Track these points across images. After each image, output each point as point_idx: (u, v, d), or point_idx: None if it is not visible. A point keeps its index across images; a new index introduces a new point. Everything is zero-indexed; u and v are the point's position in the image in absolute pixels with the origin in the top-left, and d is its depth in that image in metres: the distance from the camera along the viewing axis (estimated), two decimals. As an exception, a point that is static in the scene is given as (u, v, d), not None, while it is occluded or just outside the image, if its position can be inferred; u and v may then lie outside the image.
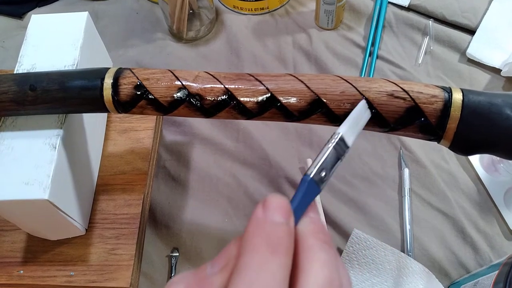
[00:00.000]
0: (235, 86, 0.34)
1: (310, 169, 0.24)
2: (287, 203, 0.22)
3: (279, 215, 0.21)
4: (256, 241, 0.20)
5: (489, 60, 0.58)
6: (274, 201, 0.22)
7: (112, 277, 0.42)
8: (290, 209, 0.22)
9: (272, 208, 0.21)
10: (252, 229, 0.21)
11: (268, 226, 0.21)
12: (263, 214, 0.21)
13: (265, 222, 0.21)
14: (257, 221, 0.21)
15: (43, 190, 0.35)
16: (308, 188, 0.24)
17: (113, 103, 0.35)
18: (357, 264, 0.45)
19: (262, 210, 0.21)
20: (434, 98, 0.31)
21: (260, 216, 0.21)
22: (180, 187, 0.51)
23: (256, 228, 0.21)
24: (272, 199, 0.22)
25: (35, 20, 0.43)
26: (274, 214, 0.21)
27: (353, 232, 0.46)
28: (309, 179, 0.24)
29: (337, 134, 0.26)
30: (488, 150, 0.31)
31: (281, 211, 0.21)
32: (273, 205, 0.21)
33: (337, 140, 0.26)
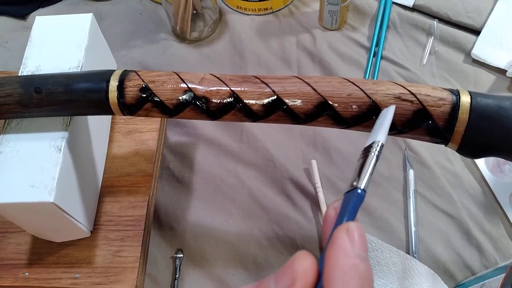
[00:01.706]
0: (241, 89, 0.34)
1: (361, 182, 0.24)
2: (364, 232, 0.21)
3: (364, 250, 0.21)
4: (352, 281, 0.19)
5: (494, 60, 0.57)
6: (359, 232, 0.21)
7: (117, 279, 0.42)
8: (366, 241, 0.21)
9: (359, 243, 0.21)
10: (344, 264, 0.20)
11: (362, 266, 0.20)
12: (351, 248, 0.20)
13: (356, 259, 0.20)
14: (348, 257, 0.20)
15: (49, 192, 0.35)
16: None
17: (119, 105, 0.35)
18: (362, 266, 0.45)
19: (349, 242, 0.20)
20: (442, 101, 0.31)
21: (350, 252, 0.20)
22: (184, 188, 0.51)
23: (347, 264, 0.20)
24: (355, 229, 0.21)
25: (39, 22, 0.43)
26: (362, 251, 0.20)
27: (358, 234, 0.46)
28: (364, 193, 0.23)
29: (377, 143, 0.25)
30: (496, 153, 0.31)
31: (365, 246, 0.21)
32: (359, 238, 0.21)
33: (378, 149, 0.25)
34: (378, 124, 0.28)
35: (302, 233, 0.48)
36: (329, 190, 0.51)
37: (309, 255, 0.21)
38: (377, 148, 0.25)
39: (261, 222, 0.49)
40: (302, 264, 0.20)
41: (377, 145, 0.25)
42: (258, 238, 0.48)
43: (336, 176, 0.52)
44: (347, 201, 0.23)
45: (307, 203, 0.50)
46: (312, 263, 0.21)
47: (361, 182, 0.24)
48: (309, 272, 0.20)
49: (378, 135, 0.26)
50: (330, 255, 0.20)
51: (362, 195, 0.23)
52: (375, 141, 0.26)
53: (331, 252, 0.20)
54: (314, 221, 0.49)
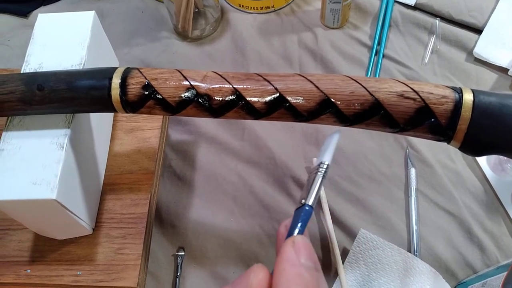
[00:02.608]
0: (243, 86, 0.34)
1: (309, 200, 0.27)
2: (310, 244, 0.23)
3: (310, 260, 0.22)
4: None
5: (496, 59, 0.57)
6: (303, 244, 0.23)
7: (119, 276, 0.42)
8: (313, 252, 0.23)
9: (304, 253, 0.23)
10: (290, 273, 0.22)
11: (306, 274, 0.22)
12: (296, 258, 0.22)
13: (300, 267, 0.22)
14: (293, 266, 0.22)
15: (51, 190, 0.35)
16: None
17: (121, 103, 0.35)
18: (363, 264, 0.45)
19: (295, 254, 0.22)
20: (445, 98, 0.31)
21: (295, 261, 0.22)
22: (186, 186, 0.51)
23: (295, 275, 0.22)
24: (300, 241, 0.23)
25: (41, 19, 0.43)
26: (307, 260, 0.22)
27: (360, 232, 0.46)
28: (311, 210, 0.26)
29: (324, 164, 0.29)
30: (499, 151, 0.31)
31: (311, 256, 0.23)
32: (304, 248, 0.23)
33: (325, 169, 0.28)
34: (325, 146, 0.31)
35: (304, 231, 0.48)
36: (331, 188, 0.51)
37: (264, 268, 0.23)
38: (324, 168, 0.28)
39: (263, 220, 0.49)
40: (257, 276, 0.22)
41: (324, 165, 0.28)
42: (260, 236, 0.48)
43: (337, 175, 0.52)
44: (297, 217, 0.26)
45: (309, 201, 0.50)
46: (265, 276, 0.23)
47: (309, 199, 0.27)
48: (262, 283, 0.22)
49: (325, 156, 0.29)
50: (277, 265, 0.22)
51: (309, 211, 0.26)
52: (322, 162, 0.29)
53: (278, 263, 0.23)
54: (315, 219, 0.49)
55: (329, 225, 0.48)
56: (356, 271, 0.45)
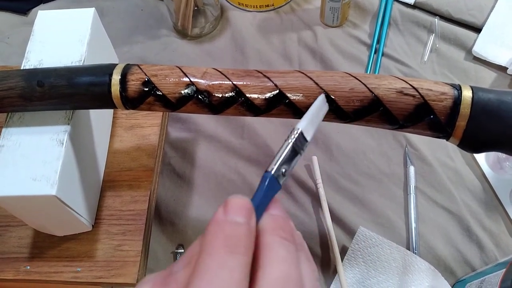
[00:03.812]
0: (243, 83, 0.34)
1: (270, 165, 0.25)
2: (248, 202, 0.22)
3: (239, 215, 0.22)
4: (215, 242, 0.20)
5: (495, 58, 0.58)
6: (235, 201, 0.22)
7: (118, 273, 0.42)
8: (251, 209, 0.22)
9: (233, 209, 0.22)
10: (212, 230, 0.21)
11: (227, 227, 0.21)
12: (223, 215, 0.22)
13: (225, 223, 0.21)
14: (217, 222, 0.21)
15: (51, 186, 0.35)
16: (269, 185, 0.24)
17: (121, 99, 0.35)
18: (362, 261, 0.46)
19: (223, 211, 0.22)
20: (444, 95, 0.31)
21: (221, 217, 0.21)
22: (185, 184, 0.52)
23: (215, 229, 0.21)
24: (232, 199, 0.22)
25: (41, 16, 0.43)
26: (234, 215, 0.21)
27: (359, 230, 0.46)
28: (270, 176, 0.24)
29: (296, 130, 0.26)
30: (498, 147, 0.31)
31: (242, 211, 0.22)
32: (233, 205, 0.22)
33: (296, 136, 0.26)
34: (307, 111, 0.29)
35: (303, 229, 0.48)
36: (330, 186, 0.51)
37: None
38: (295, 135, 0.26)
39: (262, 217, 0.49)
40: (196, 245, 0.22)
41: (296, 131, 0.26)
42: (259, 234, 0.48)
43: (336, 172, 0.52)
44: None
45: (308, 199, 0.50)
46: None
47: (271, 166, 0.25)
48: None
49: (300, 122, 0.27)
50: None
51: (266, 177, 0.24)
52: (294, 127, 0.27)
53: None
54: (314, 216, 0.49)
55: (328, 223, 0.48)
56: (355, 269, 0.45)
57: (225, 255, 0.20)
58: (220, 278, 0.19)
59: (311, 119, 0.28)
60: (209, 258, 0.20)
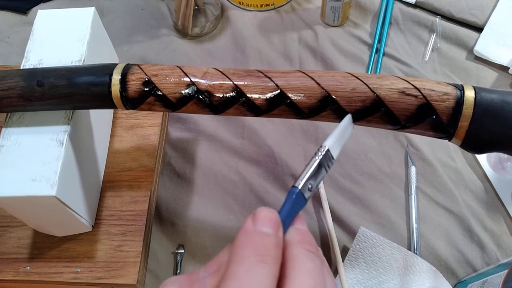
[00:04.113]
0: (244, 83, 0.34)
1: (298, 181, 0.26)
2: (276, 215, 0.23)
3: (268, 226, 0.22)
4: (245, 251, 0.21)
5: (497, 57, 0.57)
6: (264, 213, 0.23)
7: (118, 274, 0.42)
8: (279, 221, 0.23)
9: (262, 220, 0.23)
10: (241, 240, 0.22)
11: (257, 237, 0.22)
12: (252, 226, 0.22)
13: (254, 233, 0.22)
14: (247, 232, 0.22)
15: (51, 186, 0.34)
16: (296, 200, 0.25)
17: (121, 99, 0.35)
18: (363, 262, 0.45)
19: (252, 222, 0.23)
20: (446, 95, 0.31)
21: (250, 228, 0.22)
22: (186, 184, 0.51)
23: (245, 239, 0.22)
24: (262, 211, 0.23)
25: (41, 16, 0.43)
26: (263, 226, 0.22)
27: (360, 230, 0.46)
28: (297, 191, 0.25)
29: (323, 148, 0.27)
30: (500, 148, 0.31)
31: (270, 223, 0.23)
32: (262, 217, 0.23)
33: (323, 153, 0.27)
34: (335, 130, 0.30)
35: (304, 229, 0.48)
36: (331, 186, 0.51)
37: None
38: (322, 152, 0.27)
39: (263, 218, 0.49)
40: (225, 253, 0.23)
41: (323, 149, 0.27)
42: (260, 234, 0.48)
43: (337, 173, 0.52)
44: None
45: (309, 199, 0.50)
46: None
47: (297, 181, 0.26)
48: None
49: (328, 139, 0.28)
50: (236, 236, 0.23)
51: (293, 192, 0.25)
52: (322, 145, 0.28)
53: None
54: (315, 217, 0.49)
55: (329, 223, 0.47)
56: (356, 269, 0.45)
57: (254, 263, 0.21)
58: (248, 285, 0.20)
59: (338, 137, 0.29)
60: (239, 266, 0.20)
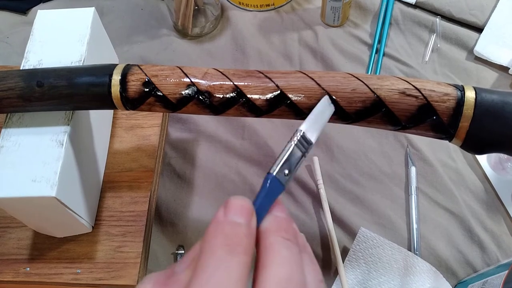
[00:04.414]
0: (244, 83, 0.33)
1: (272, 167, 0.25)
2: (248, 203, 0.23)
3: (239, 216, 0.22)
4: (215, 241, 0.21)
5: (497, 58, 0.57)
6: (235, 202, 0.22)
7: (118, 274, 0.42)
8: (251, 210, 0.22)
9: (233, 210, 0.22)
10: (211, 230, 0.21)
11: (227, 227, 0.21)
12: (224, 215, 0.22)
13: (224, 223, 0.21)
14: (218, 223, 0.22)
15: (51, 187, 0.34)
16: (271, 186, 0.24)
17: (121, 99, 0.35)
18: (363, 262, 0.45)
19: (223, 212, 0.22)
20: (447, 96, 0.30)
21: (221, 218, 0.22)
22: (186, 185, 0.51)
23: (215, 229, 0.21)
24: (233, 200, 0.22)
25: (41, 16, 0.43)
26: (234, 215, 0.22)
27: (360, 231, 0.46)
28: (271, 177, 0.24)
29: (298, 132, 0.26)
30: (501, 149, 0.31)
31: (242, 212, 0.22)
32: (233, 206, 0.22)
33: (298, 138, 0.26)
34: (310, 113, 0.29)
35: (304, 230, 0.48)
36: (331, 186, 0.51)
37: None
38: (297, 136, 0.26)
39: (263, 218, 0.49)
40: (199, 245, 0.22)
41: (298, 133, 0.26)
42: (260, 235, 0.48)
43: (337, 173, 0.52)
44: None
45: (309, 199, 0.50)
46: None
47: (273, 167, 0.25)
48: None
49: (303, 124, 0.27)
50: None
51: (267, 178, 0.24)
52: (297, 129, 0.27)
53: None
54: (315, 217, 0.49)
55: (329, 224, 0.47)
56: (356, 270, 0.45)
57: (225, 254, 0.20)
58: (218, 277, 0.19)
59: (314, 121, 0.28)
60: (209, 258, 0.20)
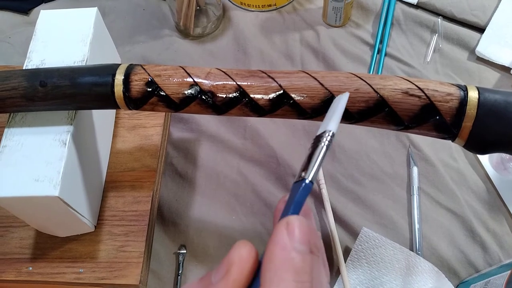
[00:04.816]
0: (247, 83, 0.34)
1: (309, 174, 0.23)
2: (308, 228, 0.21)
3: (304, 244, 0.21)
4: (284, 273, 0.20)
5: (499, 58, 0.57)
6: (299, 225, 0.21)
7: (121, 274, 0.42)
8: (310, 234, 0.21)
9: (298, 235, 0.21)
10: (279, 257, 0.20)
11: (295, 257, 0.20)
12: (289, 241, 0.21)
13: (291, 251, 0.20)
14: (284, 248, 0.20)
15: (54, 187, 0.34)
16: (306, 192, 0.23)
17: (124, 99, 0.35)
18: (365, 262, 0.45)
19: (288, 236, 0.21)
20: (450, 96, 0.31)
21: (287, 243, 0.21)
22: (188, 184, 0.51)
23: (283, 257, 0.20)
24: (296, 222, 0.21)
25: (44, 16, 0.43)
26: (300, 243, 0.21)
27: (362, 231, 0.46)
28: (310, 185, 0.23)
29: (328, 132, 0.25)
30: (503, 149, 0.31)
31: (305, 239, 0.21)
32: (298, 231, 0.21)
33: (329, 139, 0.24)
34: (331, 112, 0.27)
35: (306, 230, 0.48)
36: (333, 186, 0.51)
37: (247, 244, 0.21)
38: (328, 138, 0.24)
39: (265, 218, 0.49)
40: (238, 252, 0.21)
41: (328, 134, 0.24)
42: (262, 234, 0.48)
43: (339, 173, 0.52)
44: (294, 193, 0.23)
45: (311, 199, 0.50)
46: (248, 251, 0.21)
47: (309, 173, 0.23)
48: (245, 260, 0.21)
49: (330, 123, 0.25)
50: (268, 248, 0.21)
51: (308, 187, 0.22)
52: (326, 130, 0.25)
53: (269, 245, 0.21)
54: (317, 217, 0.49)
55: (331, 224, 0.47)
56: (358, 270, 0.45)
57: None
58: None
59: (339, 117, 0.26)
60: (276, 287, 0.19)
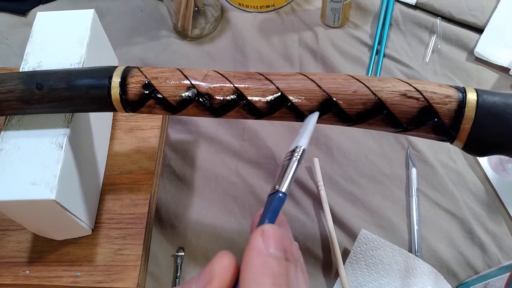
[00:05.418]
0: (244, 85, 0.33)
1: (282, 186, 0.25)
2: (282, 235, 0.23)
3: (279, 250, 0.22)
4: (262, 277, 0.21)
5: (497, 59, 0.57)
6: (272, 232, 0.22)
7: (119, 277, 0.41)
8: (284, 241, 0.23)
9: (273, 242, 0.22)
10: (257, 262, 0.21)
11: (272, 262, 0.21)
12: (264, 247, 0.22)
13: (268, 257, 0.21)
14: (260, 254, 0.22)
15: (50, 190, 0.34)
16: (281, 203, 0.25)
17: (121, 102, 0.35)
18: (364, 264, 0.45)
19: (263, 243, 0.22)
20: (448, 98, 0.30)
21: (263, 249, 0.22)
22: (186, 186, 0.51)
23: (261, 262, 0.21)
24: (269, 229, 0.22)
25: (40, 18, 0.43)
26: (275, 250, 0.22)
27: (361, 232, 0.46)
28: (284, 196, 0.25)
29: (299, 148, 0.27)
30: (502, 151, 0.31)
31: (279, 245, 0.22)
32: (273, 238, 0.22)
33: (300, 154, 0.27)
34: (302, 129, 0.29)
35: (304, 232, 0.48)
36: (331, 188, 0.51)
37: (228, 254, 0.22)
38: (299, 153, 0.26)
39: (263, 220, 0.49)
40: (220, 263, 0.22)
41: (299, 150, 0.27)
42: (260, 237, 0.48)
43: (338, 175, 0.51)
44: (269, 204, 0.25)
45: (309, 201, 0.50)
46: (230, 262, 0.22)
47: (283, 185, 0.25)
48: (226, 270, 0.22)
49: (301, 140, 0.27)
50: (245, 255, 0.22)
51: (282, 199, 0.24)
52: (297, 146, 0.27)
53: (246, 252, 0.22)
54: (316, 219, 0.49)
55: (330, 225, 0.47)
56: (357, 272, 0.45)
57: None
58: None
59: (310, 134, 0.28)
60: None
